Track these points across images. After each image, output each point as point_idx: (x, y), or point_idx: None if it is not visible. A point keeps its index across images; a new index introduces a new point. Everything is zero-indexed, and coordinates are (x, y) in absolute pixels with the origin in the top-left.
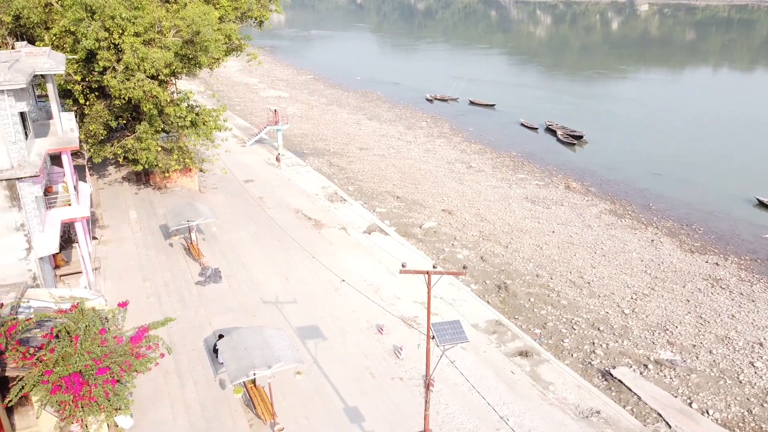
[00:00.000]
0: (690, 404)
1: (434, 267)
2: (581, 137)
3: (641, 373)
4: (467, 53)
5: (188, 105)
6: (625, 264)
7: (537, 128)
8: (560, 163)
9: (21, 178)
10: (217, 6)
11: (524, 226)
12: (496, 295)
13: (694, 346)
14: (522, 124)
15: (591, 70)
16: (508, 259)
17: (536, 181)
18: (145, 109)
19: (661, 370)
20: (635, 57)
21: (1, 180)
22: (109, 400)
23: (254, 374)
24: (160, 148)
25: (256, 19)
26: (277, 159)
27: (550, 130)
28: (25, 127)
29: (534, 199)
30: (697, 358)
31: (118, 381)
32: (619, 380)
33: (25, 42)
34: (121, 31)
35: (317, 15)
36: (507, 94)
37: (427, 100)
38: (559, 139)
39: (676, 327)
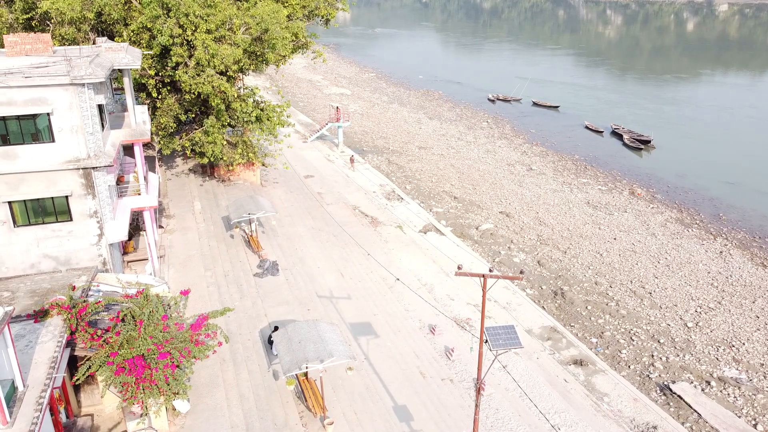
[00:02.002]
0: (755, 425)
1: (490, 270)
2: (649, 142)
3: (703, 390)
4: (533, 53)
5: (254, 101)
6: (690, 275)
7: (602, 132)
8: (625, 168)
9: (96, 167)
10: (286, 4)
11: (585, 231)
12: (552, 302)
13: (762, 365)
14: (587, 127)
15: (663, 73)
16: (566, 265)
17: (599, 186)
18: (213, 104)
19: (724, 388)
20: (712, 60)
21: (78, 168)
22: (168, 384)
23: (307, 367)
24: (225, 142)
25: (322, 18)
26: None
27: (616, 134)
28: (101, 118)
29: (596, 204)
30: (765, 377)
31: (177, 366)
32: (679, 396)
33: (105, 38)
34: (194, 28)
35: (382, 13)
36: (572, 96)
37: (489, 100)
38: (625, 144)
39: (743, 344)
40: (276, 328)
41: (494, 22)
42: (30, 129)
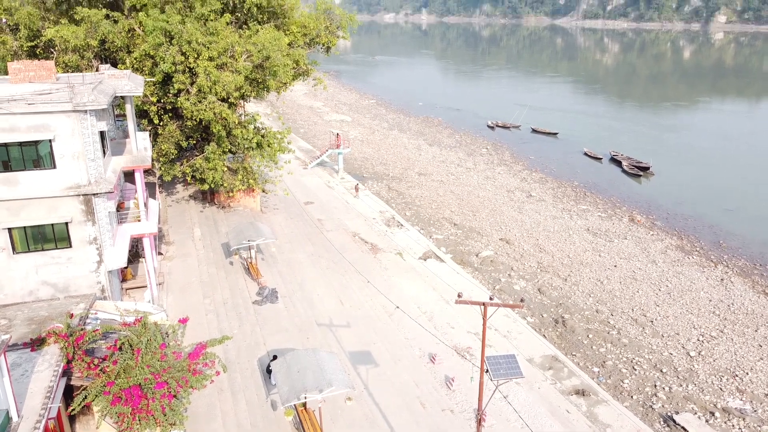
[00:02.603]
0: None
1: (490, 298)
2: (648, 169)
3: (707, 421)
4: (531, 81)
5: (255, 127)
6: (691, 303)
7: (601, 158)
8: (625, 195)
9: (97, 193)
10: (288, 32)
11: (585, 258)
12: (553, 330)
13: (767, 395)
14: (586, 154)
15: (661, 100)
16: (567, 293)
17: (599, 212)
18: (214, 131)
19: (729, 419)
20: (709, 87)
21: (79, 195)
22: (165, 415)
23: (305, 397)
24: (226, 169)
25: (323, 45)
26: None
27: (615, 161)
28: (103, 145)
29: (596, 231)
30: None
31: (174, 396)
32: (683, 427)
33: (109, 65)
34: (196, 56)
35: (383, 41)
36: (571, 123)
37: (489, 127)
38: (624, 170)
39: (747, 373)
40: (275, 357)
41: (493, 49)
42: (32, 155)
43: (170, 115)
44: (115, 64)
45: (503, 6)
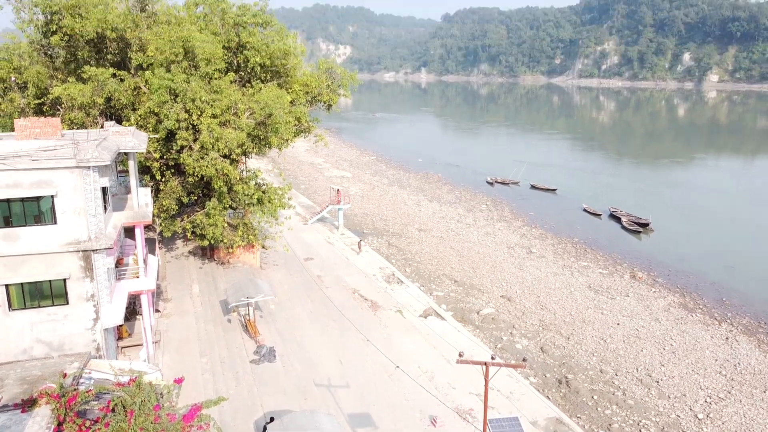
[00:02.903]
0: None
1: (492, 358)
2: (647, 225)
3: None
4: (530, 137)
5: (256, 183)
6: (697, 363)
7: (600, 214)
8: (625, 251)
9: (96, 249)
10: (290, 90)
11: (587, 316)
12: (556, 390)
13: None
14: (585, 210)
15: (658, 157)
16: (570, 352)
17: (600, 269)
18: (215, 186)
19: None
20: (704, 144)
21: (79, 251)
22: None
23: None
24: (226, 224)
25: (325, 103)
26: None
27: (615, 217)
28: (105, 200)
29: (597, 288)
30: None
31: None
32: None
33: (113, 122)
34: (200, 113)
35: (383, 98)
36: (570, 179)
37: (488, 183)
38: (623, 227)
39: None
40: (271, 419)
41: (491, 107)
42: (33, 211)
43: (172, 171)
44: (120, 121)
45: (500, 65)
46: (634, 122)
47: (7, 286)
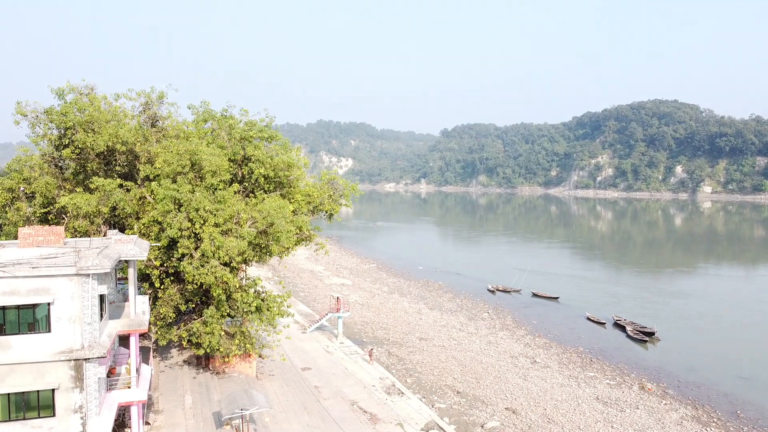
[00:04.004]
0: None
1: None
2: (653, 334)
3: None
4: (529, 246)
5: (255, 291)
6: None
7: (604, 323)
8: (632, 361)
9: (89, 358)
10: (293, 200)
11: (596, 430)
12: None
13: None
14: (588, 319)
15: (658, 266)
16: None
17: (607, 380)
18: (214, 294)
19: None
20: (705, 253)
21: (71, 360)
22: None
23: None
24: (223, 333)
25: (326, 212)
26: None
27: (619, 326)
28: (101, 308)
29: (606, 400)
30: None
31: None
32: None
33: (117, 230)
34: (202, 222)
35: (383, 208)
36: (571, 287)
37: (489, 291)
38: (629, 335)
39: None
40: None
41: (490, 216)
42: (28, 319)
43: (172, 278)
44: (123, 230)
45: (498, 177)
46: (633, 231)
47: None
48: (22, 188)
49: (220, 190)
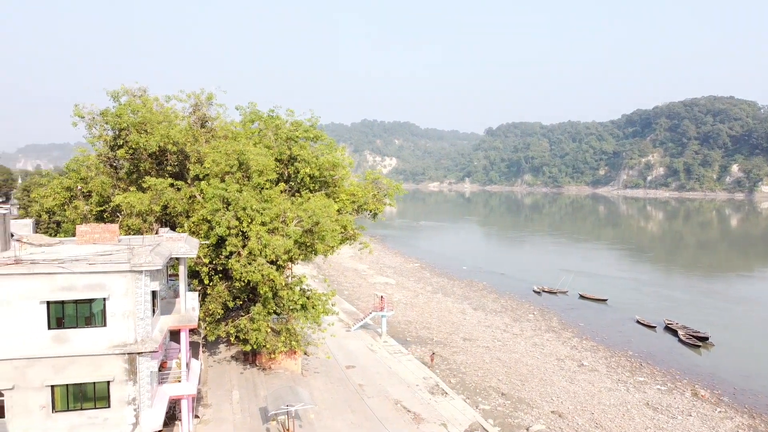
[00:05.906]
0: None
1: None
2: (707, 339)
3: None
4: (576, 246)
5: (301, 289)
6: None
7: (655, 327)
8: (684, 366)
9: (142, 352)
10: (337, 200)
11: None
12: None
13: None
14: (638, 322)
15: (712, 269)
16: None
17: (658, 385)
18: (261, 292)
19: None
20: (761, 256)
21: (124, 353)
22: None
23: None
24: (269, 329)
25: (370, 212)
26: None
27: (670, 330)
28: (153, 304)
29: (656, 406)
30: None
31: None
32: None
33: (168, 228)
34: (250, 221)
35: (427, 207)
36: (620, 289)
37: (535, 292)
38: (680, 340)
39: None
40: None
41: (536, 216)
42: (85, 313)
43: (220, 276)
44: (174, 228)
45: (544, 176)
46: (685, 232)
47: (52, 387)
48: (79, 187)
49: (267, 189)
